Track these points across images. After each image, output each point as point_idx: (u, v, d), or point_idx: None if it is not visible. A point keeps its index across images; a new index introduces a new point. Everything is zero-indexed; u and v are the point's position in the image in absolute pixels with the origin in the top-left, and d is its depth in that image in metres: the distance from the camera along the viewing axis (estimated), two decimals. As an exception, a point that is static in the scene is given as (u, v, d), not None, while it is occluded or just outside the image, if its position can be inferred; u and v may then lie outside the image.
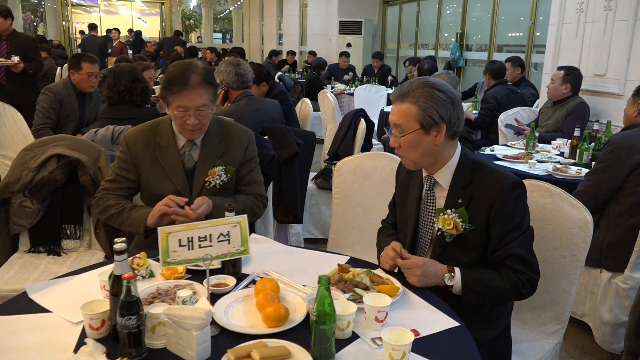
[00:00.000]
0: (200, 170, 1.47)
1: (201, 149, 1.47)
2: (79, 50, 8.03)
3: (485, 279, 1.15)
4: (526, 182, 1.27)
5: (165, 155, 1.45)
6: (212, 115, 1.45)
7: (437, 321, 1.02)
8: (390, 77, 6.32)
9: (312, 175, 2.79)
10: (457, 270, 1.14)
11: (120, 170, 1.47)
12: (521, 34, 5.56)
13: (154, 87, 3.29)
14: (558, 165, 2.33)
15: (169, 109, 1.41)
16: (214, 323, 0.95)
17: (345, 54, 7.06)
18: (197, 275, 1.19)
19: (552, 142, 2.81)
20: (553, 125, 3.04)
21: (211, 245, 1.08)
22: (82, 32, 11.08)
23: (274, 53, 8.39)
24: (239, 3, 15.77)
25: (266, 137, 2.17)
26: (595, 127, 2.68)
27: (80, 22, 15.58)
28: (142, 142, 1.45)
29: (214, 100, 1.43)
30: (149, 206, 1.41)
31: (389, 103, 4.94)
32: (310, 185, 2.79)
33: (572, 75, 2.96)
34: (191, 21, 18.77)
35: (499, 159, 2.50)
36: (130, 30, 11.81)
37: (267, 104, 2.48)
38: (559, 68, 3.04)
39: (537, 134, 2.96)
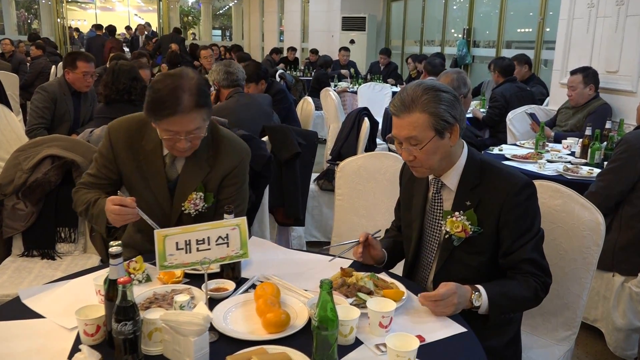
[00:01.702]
0: (182, 188, 1.34)
1: (185, 163, 1.33)
2: (84, 50, 8.01)
3: (508, 291, 1.10)
4: (536, 182, 1.24)
5: (148, 162, 1.33)
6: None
7: (444, 327, 1.00)
8: (391, 80, 6.22)
9: (314, 176, 2.76)
10: (480, 288, 1.08)
11: (102, 167, 1.36)
12: (530, 30, 5.48)
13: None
14: (569, 165, 2.28)
15: (155, 126, 1.25)
16: (212, 329, 0.94)
17: (344, 49, 6.97)
18: (195, 279, 1.17)
19: (563, 141, 2.75)
20: (573, 126, 2.98)
21: (209, 249, 1.05)
22: (77, 29, 11.09)
23: (276, 51, 8.34)
24: (238, -1, 15.73)
25: (264, 139, 2.15)
26: (608, 125, 2.61)
27: (75, 19, 15.60)
28: (126, 141, 1.33)
29: (207, 119, 1.27)
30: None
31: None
32: (313, 186, 2.76)
33: (591, 75, 2.89)
34: (190, 18, 18.72)
35: (507, 159, 2.45)
36: (127, 28, 11.82)
37: (256, 98, 2.50)
38: (572, 72, 2.96)
39: (552, 133, 2.90)
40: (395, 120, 1.13)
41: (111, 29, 8.24)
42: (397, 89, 5.41)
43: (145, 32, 9.85)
